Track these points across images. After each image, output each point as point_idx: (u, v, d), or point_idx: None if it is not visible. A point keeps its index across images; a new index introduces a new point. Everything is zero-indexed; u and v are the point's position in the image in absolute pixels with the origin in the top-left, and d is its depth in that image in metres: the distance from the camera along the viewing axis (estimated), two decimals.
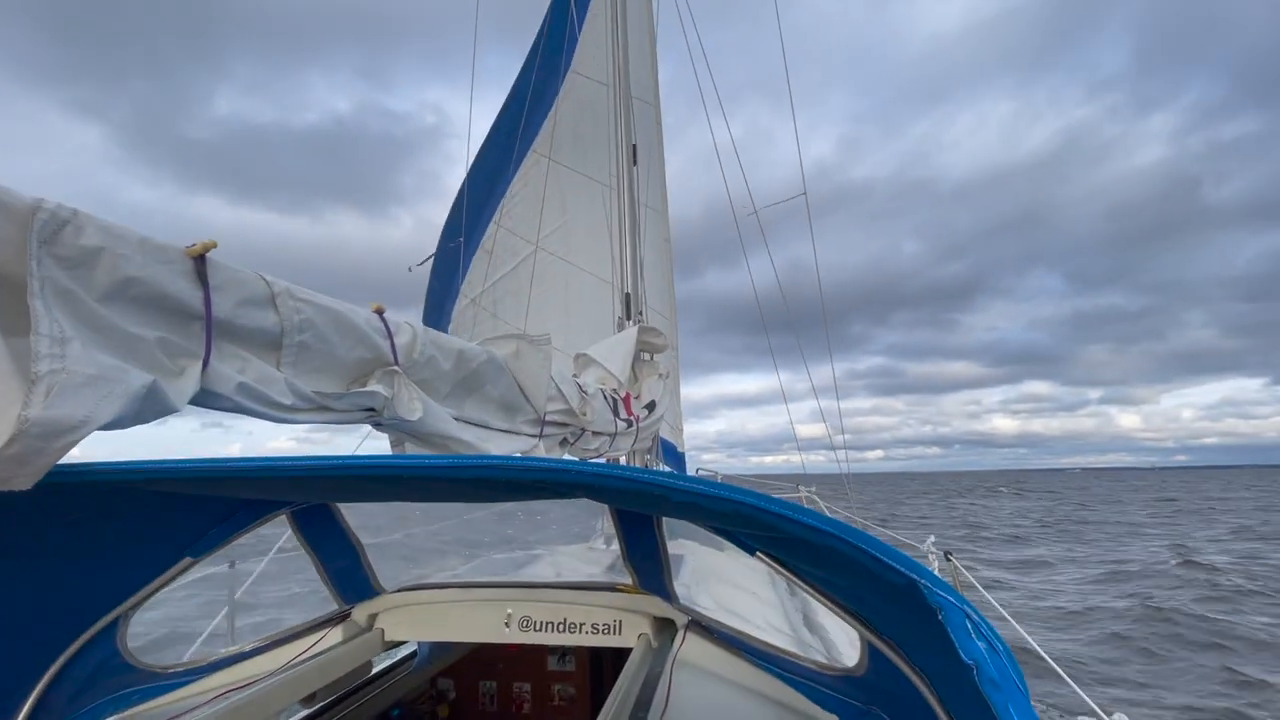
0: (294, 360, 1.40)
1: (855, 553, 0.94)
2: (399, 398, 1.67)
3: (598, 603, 2.54)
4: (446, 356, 1.96)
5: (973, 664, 0.83)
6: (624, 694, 1.87)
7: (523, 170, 7.08)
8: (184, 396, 1.07)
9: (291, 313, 1.37)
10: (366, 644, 2.52)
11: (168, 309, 1.11)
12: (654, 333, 4.66)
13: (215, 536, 1.98)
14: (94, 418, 0.83)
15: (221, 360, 1.21)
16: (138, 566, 1.88)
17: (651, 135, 6.99)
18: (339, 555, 2.46)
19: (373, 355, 1.64)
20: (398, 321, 1.80)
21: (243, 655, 2.32)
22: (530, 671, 3.86)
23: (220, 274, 1.21)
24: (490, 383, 2.26)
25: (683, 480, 1.02)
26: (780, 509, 0.97)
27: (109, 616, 1.88)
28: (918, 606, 0.93)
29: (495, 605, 2.59)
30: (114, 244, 1.01)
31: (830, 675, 1.89)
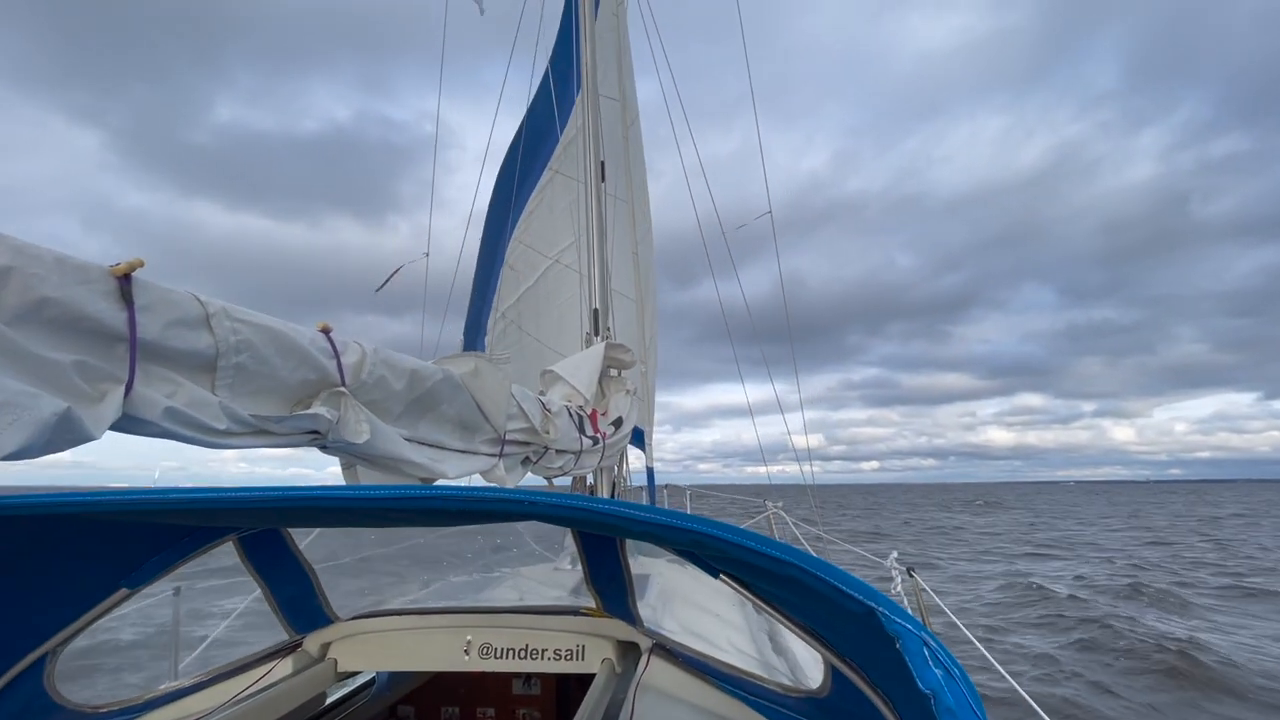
0: (230, 383, 1.35)
1: (815, 581, 0.94)
2: (345, 420, 1.62)
3: (560, 627, 2.49)
4: (398, 376, 1.92)
5: (930, 693, 0.82)
6: (588, 717, 1.82)
7: (540, 186, 7.27)
8: (103, 423, 1.02)
9: (228, 333, 1.32)
10: (318, 675, 2.42)
11: (87, 331, 1.05)
12: (621, 349, 4.65)
13: (155, 566, 1.89)
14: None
15: (148, 384, 1.15)
16: (69, 598, 1.78)
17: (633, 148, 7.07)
18: (289, 582, 2.37)
19: (318, 376, 1.59)
20: (345, 341, 1.75)
21: (183, 691, 2.21)
22: (494, 697, 3.76)
23: (147, 294, 1.16)
24: (446, 402, 2.21)
25: (640, 511, 1.01)
26: (739, 539, 0.97)
27: (35, 653, 1.77)
28: (877, 634, 0.93)
29: (454, 632, 2.51)
30: (25, 264, 0.96)
31: (794, 698, 1.87)
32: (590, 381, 4.14)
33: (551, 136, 7.42)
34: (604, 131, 5.97)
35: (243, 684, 2.27)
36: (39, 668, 1.82)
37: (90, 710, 2.00)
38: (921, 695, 0.84)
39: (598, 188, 5.61)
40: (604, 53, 6.53)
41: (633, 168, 7.18)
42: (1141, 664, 8.40)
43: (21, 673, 1.77)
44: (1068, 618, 11.35)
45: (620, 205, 6.76)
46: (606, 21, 7.07)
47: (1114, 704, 7.13)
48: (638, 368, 5.18)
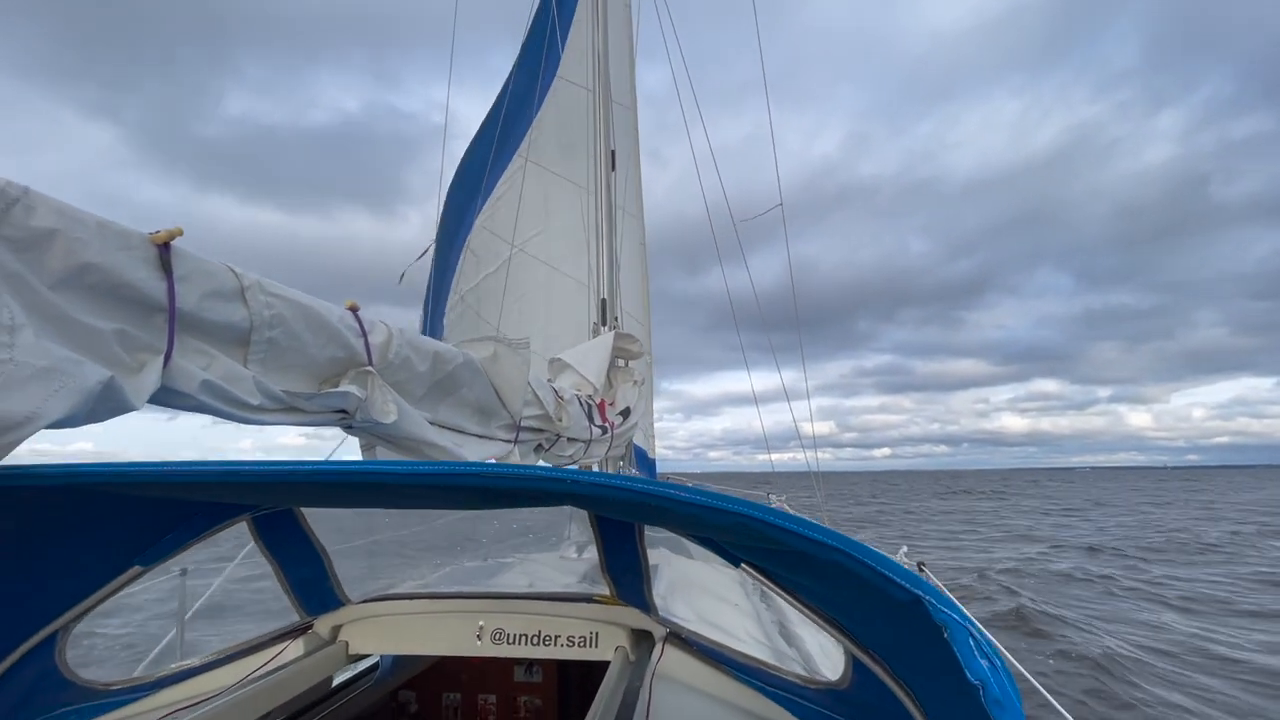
0: (263, 358, 1.32)
1: (859, 567, 0.92)
2: (373, 400, 1.59)
3: (574, 614, 2.47)
4: (422, 358, 1.89)
5: (979, 684, 0.81)
6: (604, 708, 1.81)
7: (507, 173, 7.05)
8: (143, 394, 0.99)
9: (262, 307, 1.30)
10: (329, 657, 2.40)
11: (127, 299, 1.03)
12: (630, 339, 4.62)
13: (168, 544, 1.86)
14: (41, 414, 0.75)
15: (184, 356, 1.13)
16: (81, 575, 1.76)
17: (629, 141, 6.97)
18: (302, 563, 2.34)
19: (346, 355, 1.57)
20: (372, 320, 1.72)
21: (194, 670, 2.19)
22: (496, 683, 3.76)
23: (186, 264, 1.14)
24: (466, 386, 2.19)
25: (685, 492, 0.98)
26: (784, 522, 0.95)
27: (47, 629, 1.75)
28: (920, 623, 0.91)
29: (467, 616, 2.50)
30: (69, 227, 0.93)
31: (811, 689, 1.86)
32: (600, 371, 4.12)
33: (522, 123, 7.22)
34: (596, 122, 5.90)
35: (253, 664, 2.25)
36: (50, 644, 1.80)
37: (101, 687, 1.98)
38: (968, 686, 0.82)
39: (607, 177, 5.57)
40: (587, 43, 6.43)
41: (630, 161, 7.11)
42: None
43: (33, 649, 1.75)
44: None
45: (621, 207, 6.70)
46: (615, 12, 6.98)
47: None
48: (644, 359, 5.15)
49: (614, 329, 4.83)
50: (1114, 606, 11.79)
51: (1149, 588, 13.52)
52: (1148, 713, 6.61)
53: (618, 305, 5.30)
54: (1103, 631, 9.59)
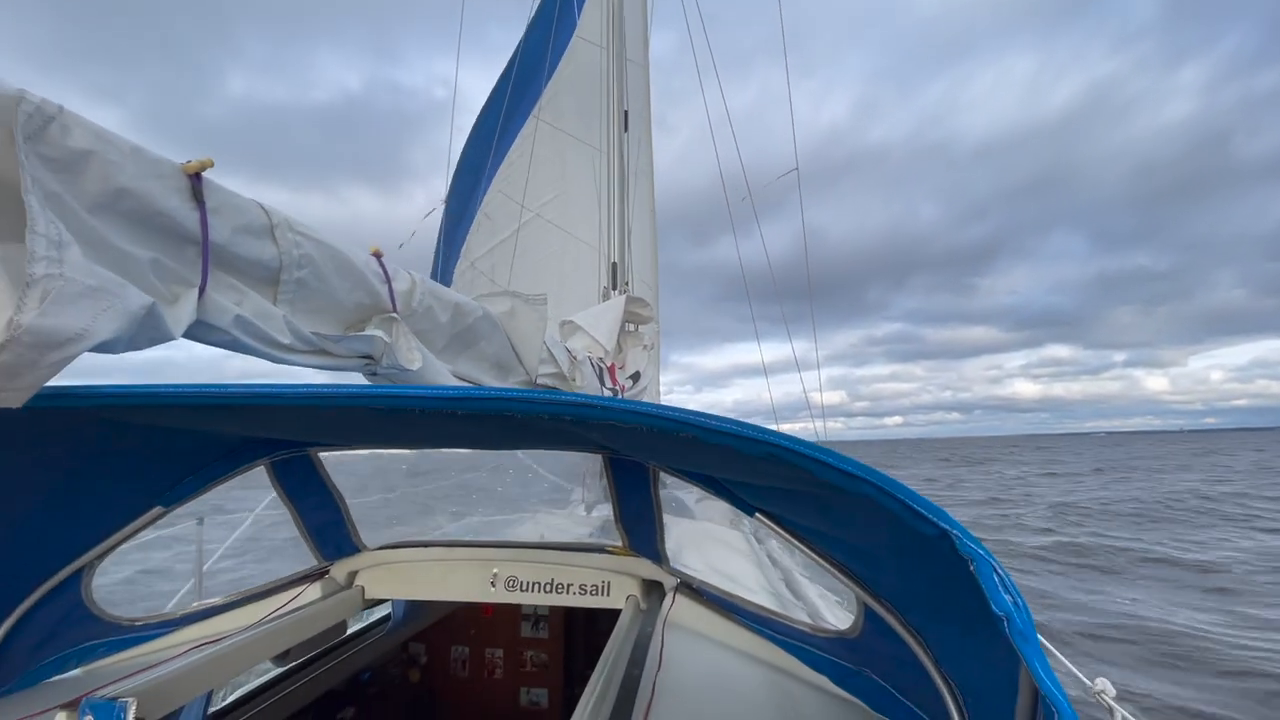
0: (291, 298, 1.31)
1: (888, 501, 0.91)
2: (398, 345, 1.58)
3: (586, 564, 2.50)
4: (444, 308, 1.88)
5: (1004, 616, 0.82)
6: (616, 654, 1.84)
7: (522, 135, 6.86)
8: (180, 324, 0.98)
9: (291, 246, 1.28)
10: (345, 601, 2.44)
11: (161, 228, 1.01)
12: (640, 303, 4.60)
13: (189, 485, 1.88)
14: (91, 332, 0.74)
15: (218, 290, 1.12)
16: (105, 514, 1.78)
17: (641, 101, 6.82)
18: (319, 509, 2.37)
19: (371, 300, 1.55)
20: (395, 268, 1.70)
21: (215, 610, 2.23)
22: (503, 638, 3.83)
23: (217, 196, 1.11)
24: (485, 339, 2.18)
25: (715, 420, 0.96)
26: (814, 452, 0.93)
27: (73, 565, 1.78)
28: (945, 559, 0.91)
29: (480, 565, 2.53)
30: (104, 149, 0.91)
31: (822, 637, 1.89)
32: (611, 334, 4.10)
33: (537, 82, 7.02)
34: (610, 80, 5.76)
35: (272, 606, 2.29)
36: (75, 580, 1.83)
37: (126, 622, 2.02)
38: (993, 619, 0.83)
39: (620, 139, 5.48)
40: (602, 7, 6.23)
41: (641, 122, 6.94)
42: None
43: (60, 584, 1.78)
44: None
45: (636, 172, 6.56)
46: None
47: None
48: (653, 324, 5.14)
49: (624, 293, 4.80)
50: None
51: (1051, 554, 14.15)
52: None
53: (628, 269, 5.26)
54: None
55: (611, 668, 1.72)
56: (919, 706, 1.58)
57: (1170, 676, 6.73)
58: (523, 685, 3.80)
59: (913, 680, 1.50)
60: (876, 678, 1.74)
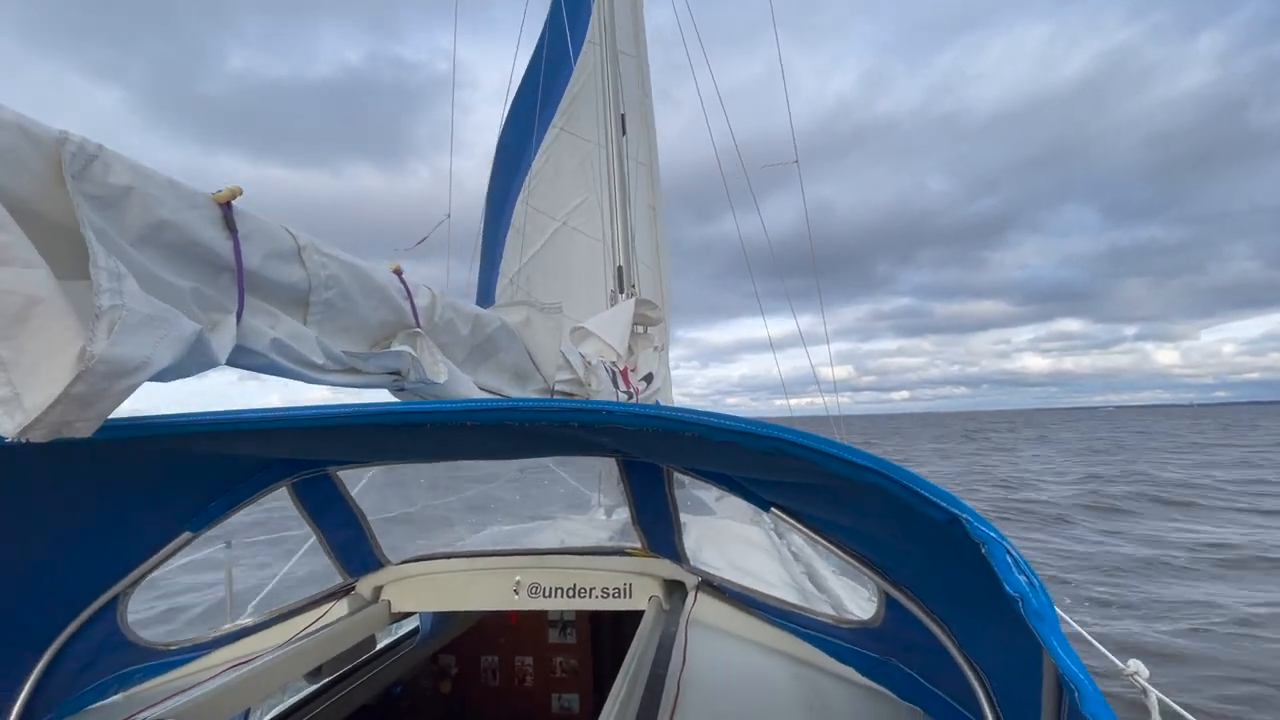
0: (320, 319, 1.33)
1: (896, 489, 0.91)
2: (424, 360, 1.61)
3: (607, 567, 2.52)
4: (464, 321, 1.91)
5: (1018, 597, 0.82)
6: (640, 654, 1.85)
7: (545, 145, 6.93)
8: (225, 351, 1.01)
9: (318, 268, 1.30)
10: (373, 616, 2.47)
11: (199, 257, 1.04)
12: (649, 305, 4.62)
13: (215, 510, 1.91)
14: (154, 360, 0.77)
15: (254, 315, 1.14)
16: (135, 542, 1.81)
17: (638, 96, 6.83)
18: (342, 527, 2.40)
19: (395, 317, 1.58)
20: (416, 283, 1.73)
21: (246, 630, 2.26)
22: (532, 645, 3.85)
23: (247, 223, 1.14)
24: (504, 350, 2.21)
25: (718, 418, 0.97)
26: (819, 444, 0.94)
27: (108, 594, 1.82)
28: (957, 544, 0.92)
29: (503, 573, 2.55)
30: (144, 184, 0.94)
31: (845, 629, 1.89)
32: (622, 337, 4.12)
33: (555, 93, 7.09)
34: (620, 85, 5.80)
35: (302, 624, 2.32)
36: (111, 609, 1.87)
37: (161, 648, 2.05)
38: (1007, 600, 0.83)
39: (618, 142, 5.50)
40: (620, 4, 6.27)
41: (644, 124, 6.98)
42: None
43: (96, 613, 1.82)
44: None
45: (635, 163, 6.59)
46: None
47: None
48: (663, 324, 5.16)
49: (632, 295, 4.82)
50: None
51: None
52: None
53: (635, 272, 5.28)
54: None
55: (636, 669, 1.74)
56: (947, 693, 1.59)
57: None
58: (554, 691, 3.82)
59: (939, 667, 1.51)
60: (903, 666, 1.75)
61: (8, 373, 0.69)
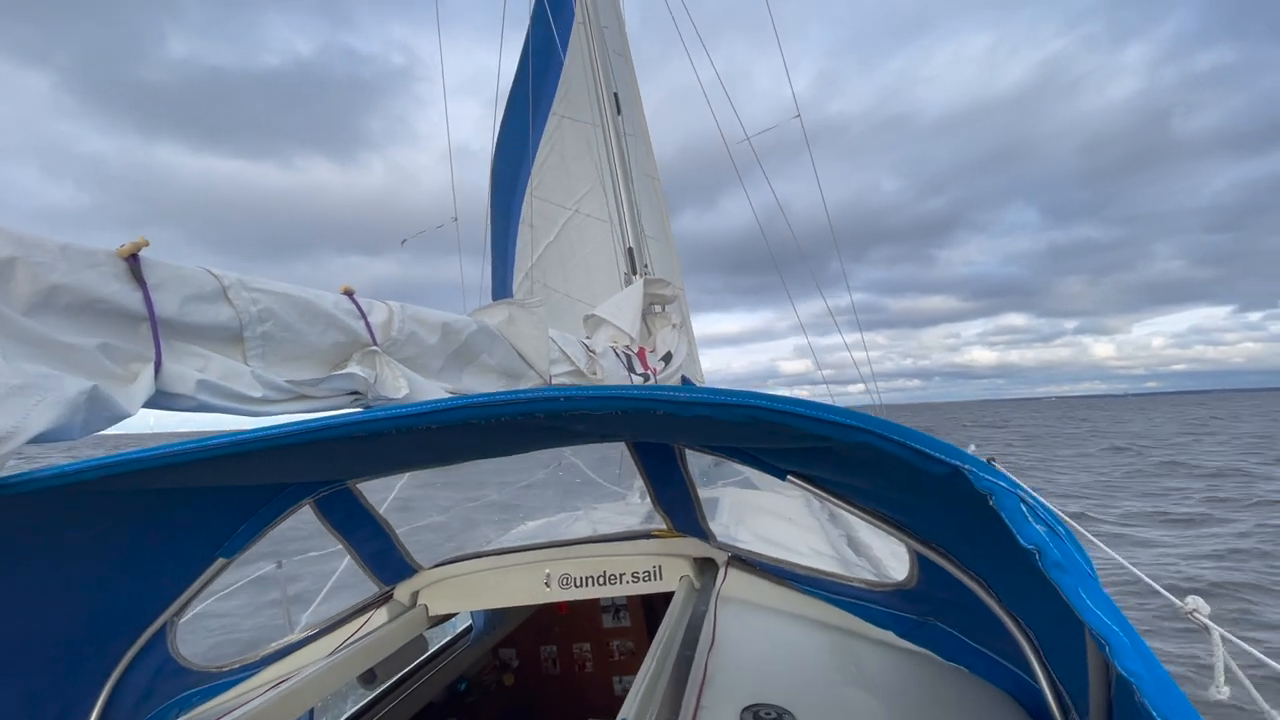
0: (261, 352, 1.36)
1: (890, 446, 0.85)
2: (382, 378, 1.63)
3: (635, 551, 2.51)
4: (430, 330, 1.92)
5: (1033, 548, 0.75)
6: (669, 634, 1.84)
7: (547, 135, 6.83)
8: (136, 400, 1.04)
9: (247, 304, 1.33)
10: (413, 620, 2.56)
11: (105, 314, 1.07)
12: (661, 284, 4.56)
13: (243, 535, 2.00)
14: (24, 428, 0.80)
15: (177, 360, 1.18)
16: (174, 573, 1.92)
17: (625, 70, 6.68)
18: (370, 539, 2.48)
19: (348, 338, 1.60)
20: (370, 301, 1.75)
21: (294, 646, 2.38)
22: (588, 632, 3.92)
23: (158, 272, 1.17)
24: (486, 352, 2.21)
25: (686, 392, 0.92)
26: (797, 408, 0.88)
27: (156, 624, 1.93)
28: (965, 496, 0.85)
29: (533, 567, 2.59)
30: (28, 253, 0.97)
31: (880, 592, 1.83)
32: (634, 320, 4.09)
33: (550, 82, 6.96)
34: (610, 62, 5.68)
35: (345, 634, 2.42)
36: (161, 637, 1.99)
37: (215, 670, 2.18)
38: (1023, 552, 0.76)
39: (615, 123, 5.42)
40: None
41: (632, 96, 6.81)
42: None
43: (147, 643, 1.94)
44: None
45: (632, 140, 6.46)
46: None
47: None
48: (679, 300, 5.08)
49: (644, 276, 4.77)
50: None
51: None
52: None
53: (646, 252, 5.22)
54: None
55: (664, 650, 1.72)
56: (992, 650, 1.51)
57: None
58: (614, 674, 3.88)
59: (981, 623, 1.43)
60: (943, 625, 1.67)
61: None
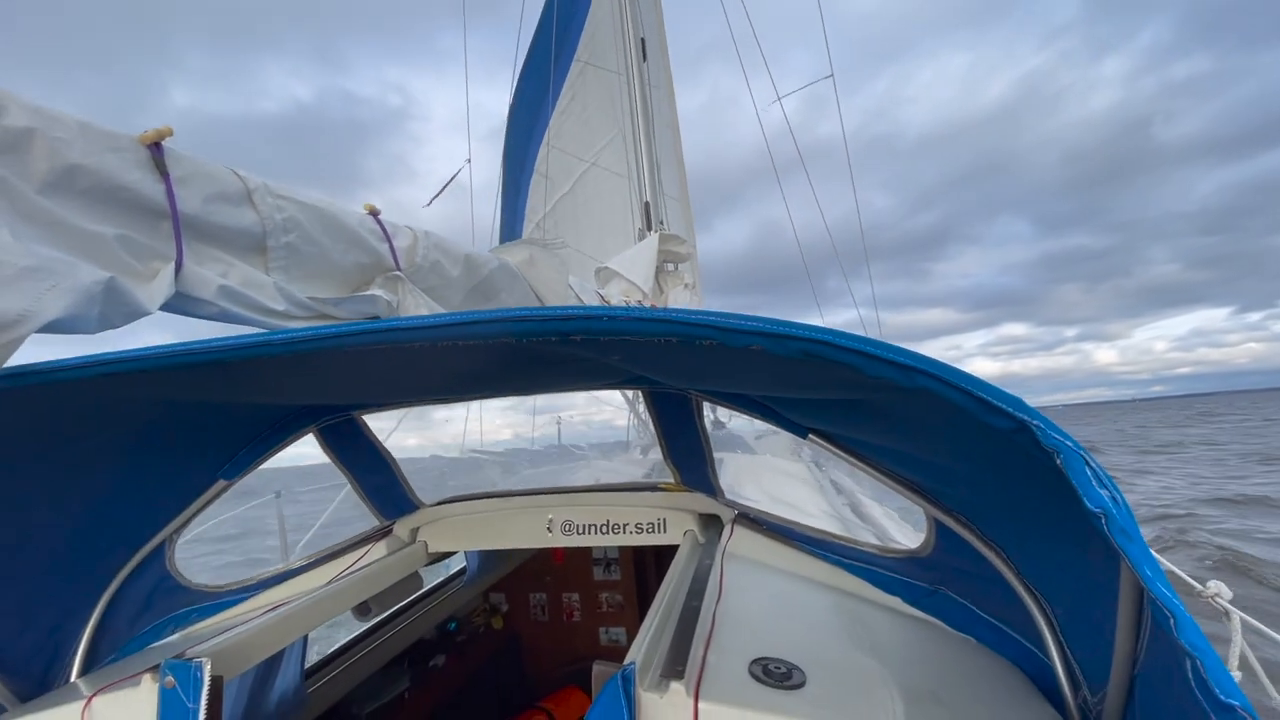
0: (284, 264, 1.29)
1: (953, 394, 0.79)
2: (404, 304, 1.56)
3: (640, 503, 2.48)
4: (453, 262, 1.84)
5: (1100, 512, 0.70)
6: (675, 585, 1.81)
7: (569, 81, 6.54)
8: (156, 299, 0.97)
9: (272, 210, 1.25)
10: (411, 555, 2.54)
11: (125, 203, 0.99)
12: (676, 240, 4.46)
13: (246, 457, 1.97)
14: (35, 313, 0.73)
15: (199, 263, 1.10)
16: (175, 491, 1.89)
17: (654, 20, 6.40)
18: (373, 471, 2.45)
19: (371, 260, 1.52)
20: (395, 225, 1.67)
21: (293, 572, 2.36)
22: (578, 582, 3.95)
23: (182, 165, 1.09)
24: (505, 290, 2.14)
25: (740, 319, 0.84)
26: (860, 345, 0.81)
27: (155, 540, 1.91)
28: (1024, 455, 0.79)
29: (536, 512, 2.56)
30: (49, 126, 0.89)
31: (892, 559, 1.80)
32: (647, 275, 4.00)
33: (576, 25, 6.64)
34: (640, 4, 5.44)
35: (343, 564, 2.40)
36: (160, 554, 1.97)
37: (213, 589, 2.16)
38: (1087, 516, 0.72)
39: (640, 69, 5.22)
40: None
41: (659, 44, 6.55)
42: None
43: (146, 559, 1.92)
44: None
45: (655, 92, 6.23)
46: None
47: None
48: (693, 260, 5.00)
49: (659, 231, 4.66)
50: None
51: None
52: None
53: (662, 207, 5.09)
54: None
55: (670, 600, 1.70)
56: (1003, 622, 1.50)
57: None
58: (601, 625, 3.93)
59: (994, 594, 1.42)
60: (954, 595, 1.66)
61: None
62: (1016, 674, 1.46)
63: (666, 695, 1.09)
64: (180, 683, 1.29)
